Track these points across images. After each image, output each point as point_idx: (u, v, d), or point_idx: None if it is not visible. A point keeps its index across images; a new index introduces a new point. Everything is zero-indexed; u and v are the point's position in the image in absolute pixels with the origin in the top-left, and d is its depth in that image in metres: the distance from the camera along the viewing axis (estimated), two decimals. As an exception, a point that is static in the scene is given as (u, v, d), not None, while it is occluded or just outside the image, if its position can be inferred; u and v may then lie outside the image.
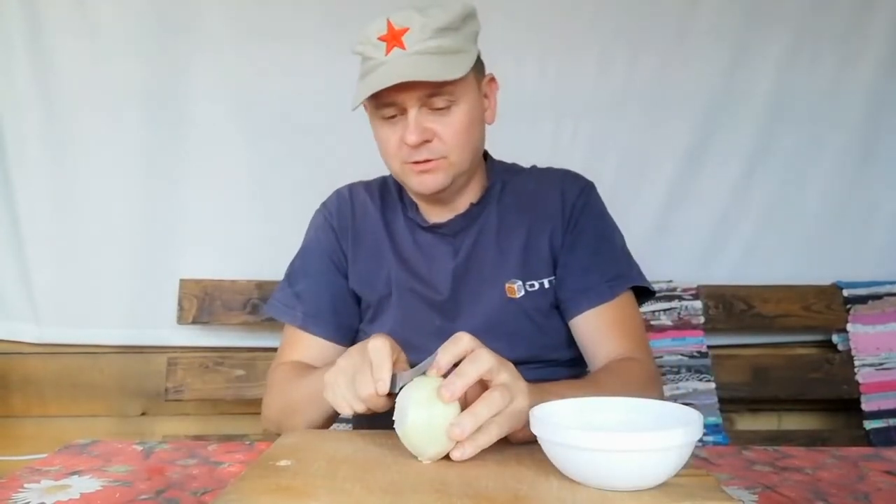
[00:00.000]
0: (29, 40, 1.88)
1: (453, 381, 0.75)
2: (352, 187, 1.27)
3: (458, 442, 0.75)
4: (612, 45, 2.00)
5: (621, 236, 1.22)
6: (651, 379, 1.08)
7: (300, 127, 1.96)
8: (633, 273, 1.18)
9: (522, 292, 1.14)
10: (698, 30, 2.00)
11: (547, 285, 1.15)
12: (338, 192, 1.27)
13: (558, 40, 1.99)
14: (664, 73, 2.00)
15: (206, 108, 1.94)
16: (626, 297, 1.15)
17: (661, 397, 1.09)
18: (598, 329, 1.12)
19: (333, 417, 1.06)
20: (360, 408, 0.84)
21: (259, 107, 1.95)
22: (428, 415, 0.74)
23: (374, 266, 1.19)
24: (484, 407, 0.75)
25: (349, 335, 1.20)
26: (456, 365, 0.79)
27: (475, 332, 1.09)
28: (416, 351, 0.88)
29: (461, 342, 0.79)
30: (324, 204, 1.27)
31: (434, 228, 1.19)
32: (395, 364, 0.83)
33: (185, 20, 1.92)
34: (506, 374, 0.78)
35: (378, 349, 0.82)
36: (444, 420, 0.74)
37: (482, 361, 0.77)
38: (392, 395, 0.81)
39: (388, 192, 1.24)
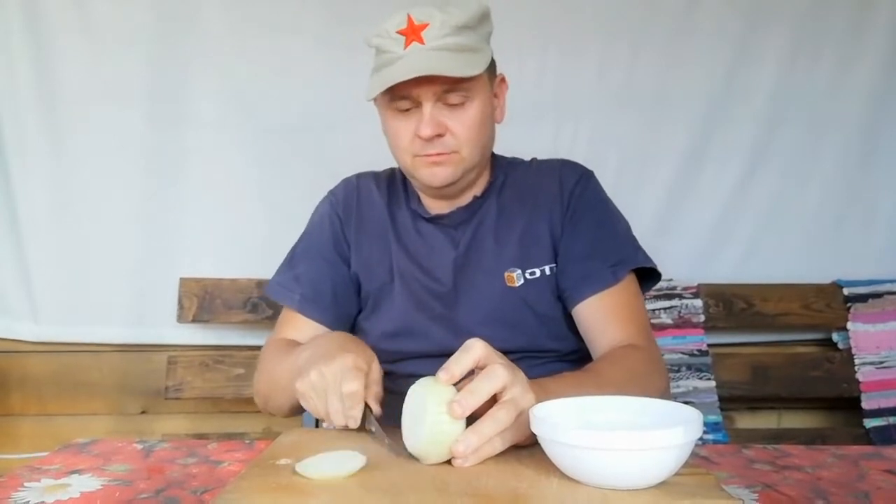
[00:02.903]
0: (29, 40, 1.88)
1: (466, 397, 0.74)
2: (360, 176, 1.29)
3: None
4: (612, 45, 2.00)
5: (625, 222, 1.21)
6: (655, 366, 1.07)
7: (301, 125, 1.96)
8: (638, 256, 1.17)
9: (522, 280, 1.14)
10: (698, 29, 2.00)
11: (548, 272, 1.15)
12: (346, 181, 1.29)
13: (559, 40, 1.99)
14: (664, 72, 2.00)
15: (206, 107, 1.94)
16: (629, 283, 1.14)
17: (666, 384, 1.08)
18: (600, 316, 1.11)
19: None
20: (331, 425, 0.88)
21: (259, 105, 1.95)
22: (435, 424, 0.73)
23: (376, 253, 1.20)
24: (490, 425, 0.74)
25: (346, 323, 1.20)
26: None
27: (476, 322, 1.11)
28: (418, 337, 0.88)
29: (474, 351, 0.78)
30: (331, 191, 1.28)
31: (435, 219, 1.20)
32: (367, 388, 0.87)
33: (185, 19, 1.92)
34: (517, 388, 0.77)
35: (351, 395, 0.85)
36: (450, 430, 0.73)
37: (496, 378, 0.76)
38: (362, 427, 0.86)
39: (394, 183, 1.25)
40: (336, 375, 0.86)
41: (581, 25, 2.00)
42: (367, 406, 0.86)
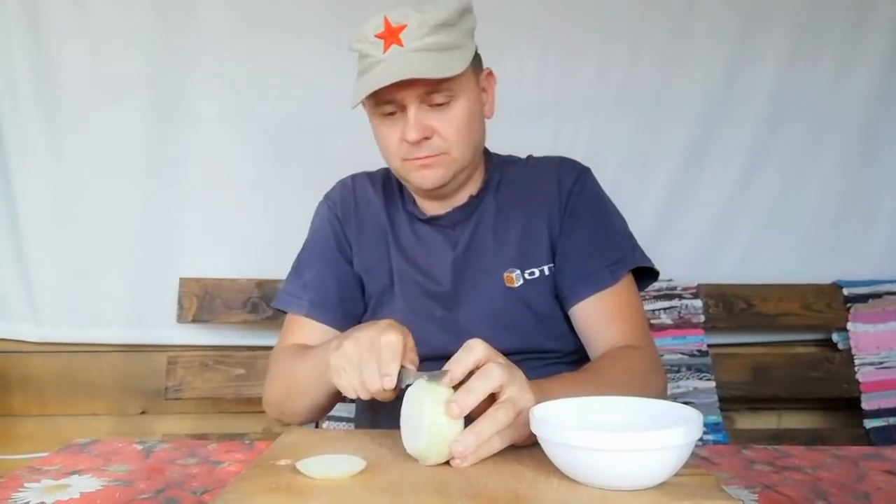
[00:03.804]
0: (29, 40, 1.87)
1: (463, 397, 0.74)
2: (355, 178, 1.28)
3: None
4: (612, 45, 2.00)
5: (622, 220, 1.21)
6: (653, 366, 1.07)
7: (300, 125, 1.96)
8: (636, 255, 1.16)
9: (521, 281, 1.14)
10: (698, 29, 2.00)
11: (546, 272, 1.15)
12: (342, 183, 1.28)
13: (559, 40, 1.99)
14: (664, 72, 2.00)
15: (206, 107, 1.94)
16: (627, 283, 1.14)
17: (664, 384, 1.08)
18: (598, 316, 1.11)
19: (337, 397, 1.05)
20: (366, 396, 0.85)
21: (259, 105, 1.95)
22: (433, 424, 0.73)
23: (376, 256, 1.20)
24: (488, 424, 0.74)
25: (353, 324, 1.18)
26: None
27: (476, 323, 1.10)
28: (419, 342, 0.88)
29: (474, 352, 0.78)
30: (327, 195, 1.27)
31: (432, 220, 1.19)
32: (403, 353, 0.83)
33: (185, 19, 1.92)
34: (514, 388, 0.77)
35: (390, 345, 0.82)
36: (448, 431, 0.73)
37: (492, 377, 0.76)
38: (398, 388, 0.82)
39: (390, 184, 1.24)
40: (372, 338, 0.83)
41: (581, 25, 2.00)
42: (402, 367, 0.82)
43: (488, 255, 1.16)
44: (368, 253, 1.20)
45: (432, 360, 0.89)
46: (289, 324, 1.20)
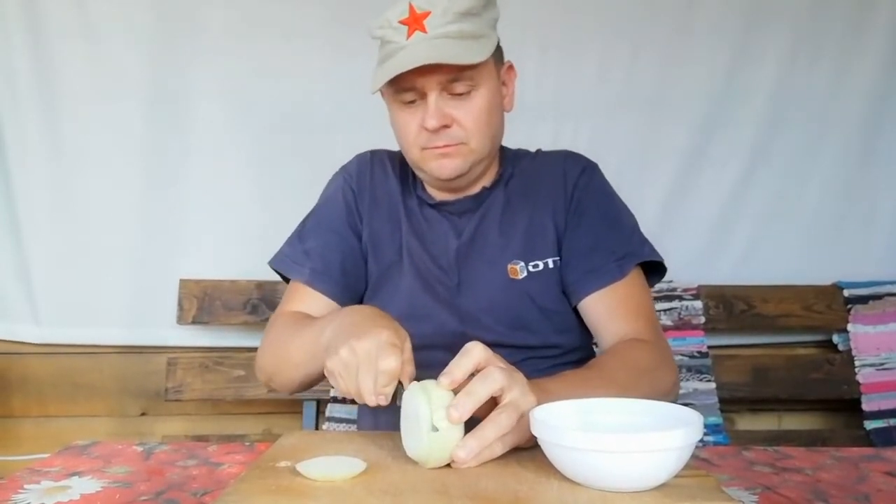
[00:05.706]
0: (29, 40, 1.87)
1: (463, 401, 0.74)
2: (374, 152, 1.27)
3: None
4: (612, 45, 2.00)
5: (630, 215, 1.21)
6: (662, 360, 1.06)
7: (301, 126, 1.96)
8: (645, 250, 1.16)
9: (525, 273, 1.13)
10: (698, 29, 2.00)
11: (551, 265, 1.14)
12: (359, 156, 1.27)
13: (559, 40, 1.99)
14: (664, 72, 2.00)
15: (207, 108, 1.94)
16: (635, 277, 1.13)
17: (674, 378, 1.07)
18: (606, 310, 1.10)
19: None
20: (361, 402, 0.84)
21: (259, 106, 1.95)
22: (433, 427, 0.73)
23: (387, 230, 1.19)
24: (491, 429, 0.74)
25: (355, 297, 1.18)
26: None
27: (479, 312, 1.09)
28: (424, 320, 0.87)
29: (473, 355, 0.77)
30: (344, 167, 1.27)
31: (440, 206, 1.19)
32: (402, 369, 0.81)
33: (185, 19, 1.92)
34: (516, 391, 0.77)
35: (388, 371, 0.79)
36: (448, 435, 0.73)
37: (493, 380, 0.75)
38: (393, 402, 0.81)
39: (406, 166, 1.23)
40: (370, 352, 0.80)
41: (581, 25, 2.00)
42: (398, 382, 0.81)
43: (492, 246, 1.16)
44: (379, 226, 1.19)
45: (439, 348, 0.86)
46: (290, 290, 1.19)
